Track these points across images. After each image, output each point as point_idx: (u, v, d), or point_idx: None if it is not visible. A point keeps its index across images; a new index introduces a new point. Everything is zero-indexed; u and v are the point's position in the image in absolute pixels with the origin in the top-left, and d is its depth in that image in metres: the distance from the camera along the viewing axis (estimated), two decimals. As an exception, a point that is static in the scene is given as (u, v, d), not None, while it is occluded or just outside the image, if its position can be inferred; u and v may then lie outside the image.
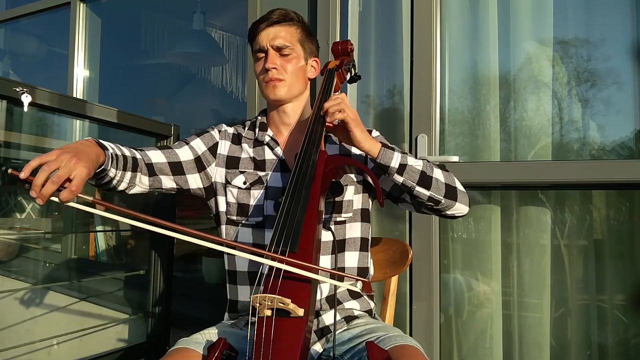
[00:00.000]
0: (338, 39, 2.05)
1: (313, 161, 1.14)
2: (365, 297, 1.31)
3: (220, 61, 3.46)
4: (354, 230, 1.31)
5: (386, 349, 1.03)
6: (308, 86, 1.40)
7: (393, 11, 2.03)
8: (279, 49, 1.30)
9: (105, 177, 1.11)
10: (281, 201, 1.11)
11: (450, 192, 1.23)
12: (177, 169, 1.30)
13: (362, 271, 1.31)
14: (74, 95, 3.32)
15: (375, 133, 1.40)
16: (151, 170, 1.26)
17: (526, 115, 1.86)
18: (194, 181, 1.33)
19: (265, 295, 0.91)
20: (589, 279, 1.76)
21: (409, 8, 1.93)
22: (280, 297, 0.90)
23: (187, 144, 1.34)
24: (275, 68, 1.29)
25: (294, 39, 1.32)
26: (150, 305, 2.12)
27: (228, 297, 1.32)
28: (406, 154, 1.24)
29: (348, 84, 1.62)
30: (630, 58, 1.74)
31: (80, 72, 3.43)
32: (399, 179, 1.20)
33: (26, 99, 1.56)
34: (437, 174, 1.22)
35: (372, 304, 1.33)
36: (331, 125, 1.21)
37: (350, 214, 1.30)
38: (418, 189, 1.20)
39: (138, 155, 1.23)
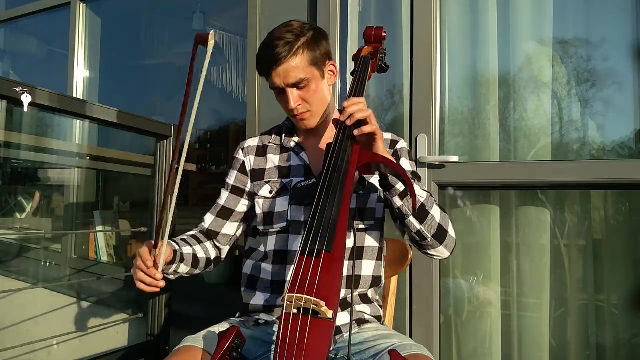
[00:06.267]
0: (338, 39, 2.05)
1: (348, 155, 1.09)
2: (375, 303, 1.32)
3: (220, 61, 3.46)
4: (373, 239, 1.31)
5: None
6: (331, 90, 1.37)
7: (393, 11, 2.03)
8: (295, 85, 1.25)
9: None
10: (300, 186, 1.07)
11: (440, 234, 1.20)
12: (225, 213, 1.38)
13: (376, 280, 1.32)
14: (74, 95, 3.32)
15: (402, 144, 1.37)
16: (214, 235, 1.38)
17: (526, 115, 1.86)
18: (242, 206, 1.37)
19: (302, 296, 0.89)
20: (588, 279, 1.76)
21: (409, 8, 1.93)
22: (316, 299, 0.88)
23: (225, 185, 1.41)
24: (299, 104, 1.26)
25: (305, 66, 1.25)
26: (150, 305, 2.12)
27: (243, 300, 1.33)
28: (414, 180, 1.22)
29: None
30: (630, 58, 1.74)
31: (80, 72, 3.43)
32: (398, 202, 1.15)
33: (26, 99, 1.56)
34: (435, 211, 1.19)
35: (381, 312, 1.34)
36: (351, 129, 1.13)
37: (372, 222, 1.30)
38: (411, 219, 1.17)
39: (208, 251, 1.36)
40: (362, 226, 1.29)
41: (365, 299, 1.29)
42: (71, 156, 3.43)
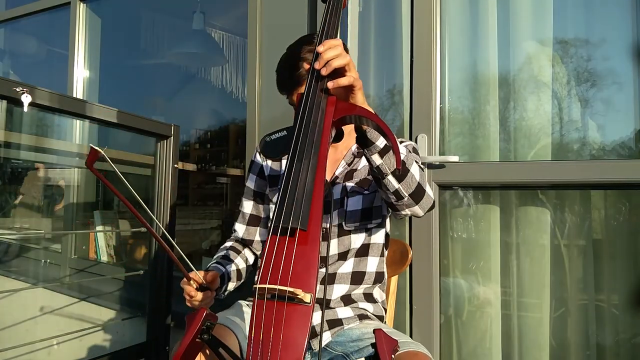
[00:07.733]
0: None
1: (322, 110, 0.94)
2: (380, 304, 1.33)
3: (220, 61, 3.46)
4: (378, 236, 1.33)
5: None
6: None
7: (393, 11, 2.03)
8: None
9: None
10: (269, 139, 0.97)
11: (418, 194, 1.13)
12: (254, 221, 1.42)
13: (379, 275, 1.34)
14: (74, 95, 3.32)
15: (406, 142, 1.33)
16: (249, 243, 1.43)
17: (526, 115, 1.86)
18: (268, 210, 1.39)
19: (276, 287, 0.81)
20: (588, 279, 1.76)
21: (409, 8, 1.93)
22: (292, 289, 0.80)
23: (246, 189, 1.43)
24: None
25: None
26: (150, 305, 2.12)
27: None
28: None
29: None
30: (630, 58, 1.74)
31: (80, 72, 3.43)
32: (378, 160, 1.06)
33: (26, 99, 1.56)
34: (414, 169, 1.12)
35: (384, 313, 1.35)
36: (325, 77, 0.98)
37: (380, 220, 1.31)
38: (390, 178, 1.09)
39: (240, 262, 1.40)
40: (370, 225, 1.30)
41: (370, 298, 1.31)
42: (71, 156, 3.43)
